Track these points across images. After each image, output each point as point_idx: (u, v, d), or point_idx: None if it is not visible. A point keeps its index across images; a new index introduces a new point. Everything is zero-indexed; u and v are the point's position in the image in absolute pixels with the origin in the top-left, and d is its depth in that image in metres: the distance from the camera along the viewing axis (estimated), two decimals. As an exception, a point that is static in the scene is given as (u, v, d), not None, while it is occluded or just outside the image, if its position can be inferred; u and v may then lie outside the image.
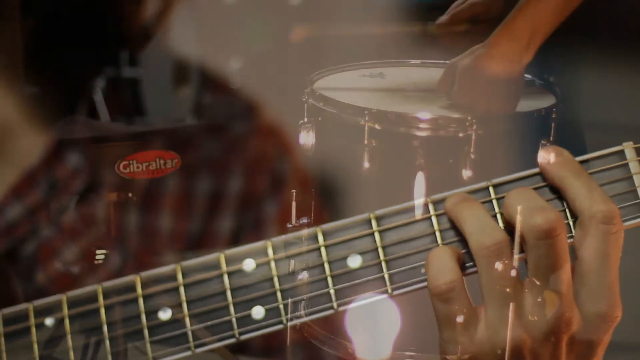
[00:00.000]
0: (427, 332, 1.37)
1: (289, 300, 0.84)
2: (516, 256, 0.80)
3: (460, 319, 0.82)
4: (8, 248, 1.81)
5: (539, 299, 0.81)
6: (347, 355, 1.41)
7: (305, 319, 0.86)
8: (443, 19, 1.81)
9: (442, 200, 0.84)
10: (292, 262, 0.85)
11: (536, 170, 0.85)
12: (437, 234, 0.83)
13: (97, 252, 2.13)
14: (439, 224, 0.84)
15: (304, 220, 0.87)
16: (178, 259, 0.85)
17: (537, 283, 0.80)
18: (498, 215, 0.84)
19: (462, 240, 0.83)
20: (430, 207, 0.84)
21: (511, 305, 0.81)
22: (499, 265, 0.80)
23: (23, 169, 1.69)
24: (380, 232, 0.84)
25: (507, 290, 0.80)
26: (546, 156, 0.83)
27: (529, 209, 0.80)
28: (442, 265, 0.81)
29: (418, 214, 0.84)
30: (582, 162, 0.85)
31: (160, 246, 2.18)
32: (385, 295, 0.83)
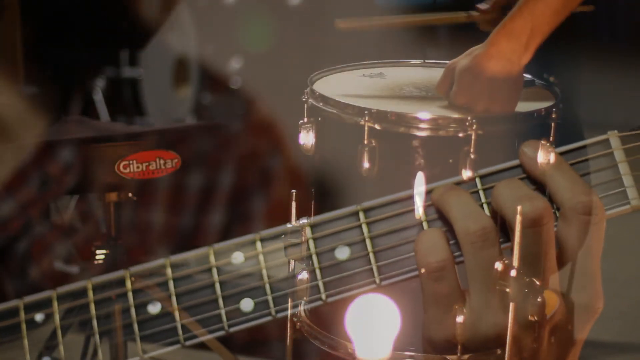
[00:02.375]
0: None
1: (286, 292, 0.84)
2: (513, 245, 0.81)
3: (448, 297, 0.82)
4: (2, 244, 1.81)
5: (524, 287, 0.82)
6: (347, 355, 1.41)
7: (294, 310, 0.86)
8: (484, 5, 1.80)
9: (429, 192, 0.85)
10: (292, 262, 0.85)
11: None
12: (425, 224, 0.84)
13: (97, 252, 2.13)
14: (426, 214, 0.85)
15: (304, 220, 0.87)
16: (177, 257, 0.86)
17: (523, 270, 0.81)
18: (485, 205, 0.85)
19: (450, 231, 0.84)
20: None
21: (496, 291, 0.82)
22: (485, 251, 0.81)
23: (16, 166, 1.69)
24: (368, 223, 0.84)
25: (492, 275, 0.81)
26: (526, 150, 0.85)
27: (517, 198, 0.81)
28: (433, 243, 0.82)
29: (405, 205, 0.85)
30: (567, 151, 0.86)
31: (160, 245, 2.18)
32: (373, 286, 0.83)
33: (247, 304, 0.85)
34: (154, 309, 0.85)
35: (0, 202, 1.84)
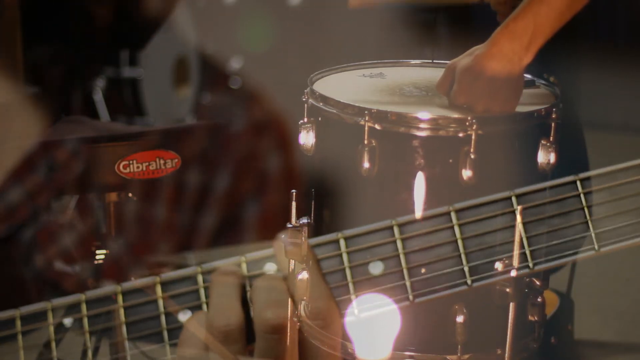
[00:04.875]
0: (427, 332, 1.37)
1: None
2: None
3: None
4: (9, 232, 1.81)
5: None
6: (347, 355, 1.41)
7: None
8: None
9: (466, 209, 0.84)
10: (292, 262, 0.85)
11: (559, 181, 0.85)
12: (459, 242, 0.83)
13: (97, 252, 2.13)
14: (461, 232, 0.84)
15: (304, 220, 0.87)
16: (178, 257, 0.85)
17: None
18: (521, 226, 0.84)
19: (484, 250, 0.83)
20: (453, 215, 0.84)
21: None
22: (228, 347, 0.82)
23: (22, 154, 1.69)
24: (402, 239, 0.84)
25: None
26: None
27: (265, 301, 0.82)
28: (189, 333, 0.83)
29: (439, 222, 0.84)
30: (604, 174, 0.85)
31: (161, 245, 2.18)
32: (406, 303, 0.83)
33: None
34: (185, 317, 0.85)
35: (3, 194, 1.84)
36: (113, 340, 0.85)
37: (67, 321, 0.85)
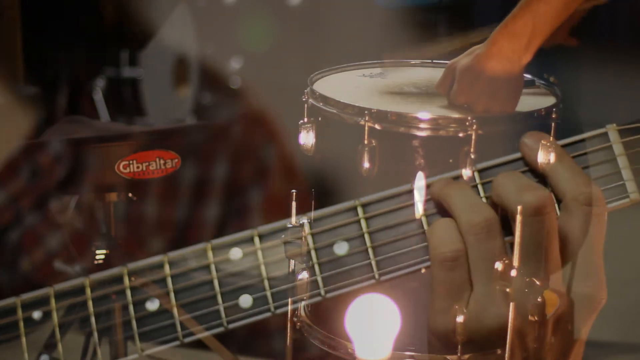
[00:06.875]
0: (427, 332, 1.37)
1: (285, 288, 0.84)
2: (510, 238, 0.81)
3: (459, 287, 0.82)
4: None
5: (525, 286, 0.82)
6: (347, 355, 1.41)
7: (292, 306, 0.86)
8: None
9: (429, 186, 0.86)
10: (292, 262, 0.85)
11: (519, 155, 0.86)
12: (423, 219, 0.84)
13: (97, 252, 2.13)
14: (425, 210, 0.85)
15: (304, 220, 0.87)
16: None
17: (526, 261, 0.81)
18: (484, 200, 0.85)
19: None
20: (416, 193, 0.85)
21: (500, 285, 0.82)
22: (489, 243, 0.81)
23: (5, 157, 1.69)
24: (366, 219, 0.84)
25: (496, 267, 0.81)
26: (528, 142, 0.85)
27: (518, 188, 0.81)
28: (448, 233, 0.82)
29: (403, 200, 0.85)
30: (566, 145, 0.86)
31: (162, 244, 2.17)
32: (372, 282, 0.83)
33: (245, 300, 0.85)
34: (153, 306, 0.85)
35: None
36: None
37: (37, 315, 0.85)
